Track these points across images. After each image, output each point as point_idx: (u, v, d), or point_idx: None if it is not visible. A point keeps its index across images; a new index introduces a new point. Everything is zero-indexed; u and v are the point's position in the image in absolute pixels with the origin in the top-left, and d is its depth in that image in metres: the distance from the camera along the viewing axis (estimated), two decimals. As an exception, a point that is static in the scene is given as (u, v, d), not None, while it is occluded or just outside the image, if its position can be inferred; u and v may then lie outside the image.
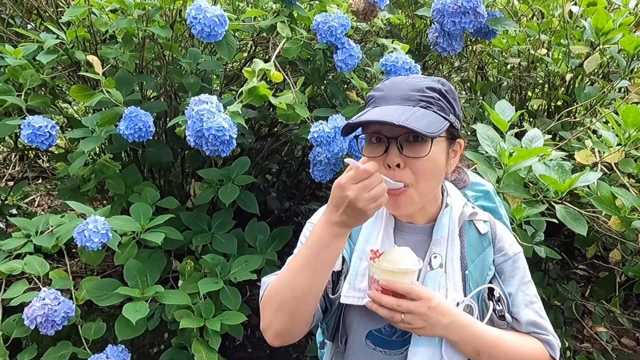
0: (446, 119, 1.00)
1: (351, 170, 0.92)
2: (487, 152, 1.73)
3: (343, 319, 1.15)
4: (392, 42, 2.01)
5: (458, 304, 1.05)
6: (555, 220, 1.66)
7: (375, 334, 1.12)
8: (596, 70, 2.48)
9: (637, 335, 2.70)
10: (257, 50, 2.37)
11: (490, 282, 1.11)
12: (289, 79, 1.89)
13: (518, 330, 1.10)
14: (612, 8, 2.53)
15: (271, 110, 2.37)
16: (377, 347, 1.12)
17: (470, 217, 1.14)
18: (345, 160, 0.99)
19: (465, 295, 1.07)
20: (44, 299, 1.56)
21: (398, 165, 0.99)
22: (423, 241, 1.11)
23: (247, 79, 1.75)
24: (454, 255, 1.09)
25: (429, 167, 1.01)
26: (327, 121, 1.79)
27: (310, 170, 1.98)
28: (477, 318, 1.06)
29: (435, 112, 1.00)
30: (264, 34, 2.10)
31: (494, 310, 1.08)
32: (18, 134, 1.80)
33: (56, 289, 1.63)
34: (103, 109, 1.88)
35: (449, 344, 1.05)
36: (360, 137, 1.06)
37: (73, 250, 2.30)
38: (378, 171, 0.94)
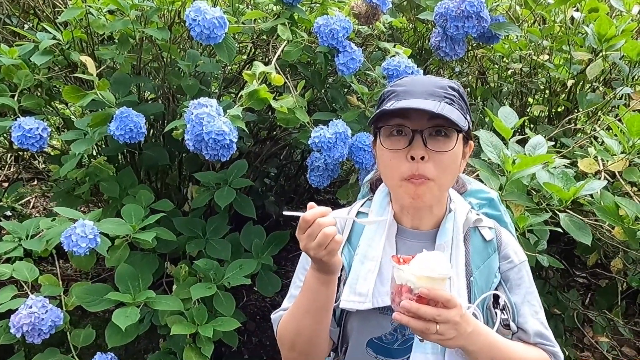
0: (465, 118, 1.03)
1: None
2: (489, 159, 1.70)
3: (343, 327, 1.13)
4: (394, 46, 1.99)
5: None
6: (559, 229, 1.64)
7: (377, 342, 1.10)
8: (598, 77, 2.46)
9: (638, 345, 2.68)
10: (256, 52, 2.34)
11: (496, 289, 1.09)
12: (289, 82, 1.87)
13: (524, 340, 1.08)
14: (614, 14, 2.51)
15: (270, 113, 2.35)
16: (379, 355, 1.10)
17: (475, 224, 1.13)
18: (284, 212, 1.00)
19: (470, 302, 1.06)
20: (31, 307, 1.52)
21: (422, 158, 0.99)
22: (426, 247, 1.08)
23: (246, 82, 1.72)
24: (458, 261, 1.08)
25: (452, 162, 1.03)
26: (327, 126, 1.76)
27: (308, 176, 1.95)
28: None
29: (457, 110, 1.01)
30: (264, 37, 2.07)
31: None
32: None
33: (45, 296, 1.60)
34: (99, 110, 1.85)
35: (452, 351, 1.03)
36: (381, 128, 1.06)
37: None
38: (397, 169, 0.99)
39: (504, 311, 1.07)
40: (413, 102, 0.99)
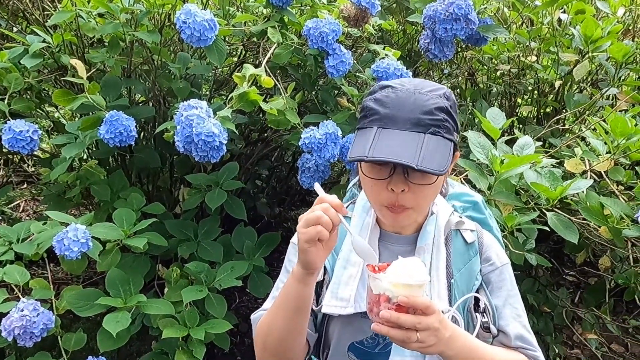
0: (451, 140, 0.99)
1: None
2: (478, 159, 1.72)
3: (325, 331, 1.13)
4: (384, 48, 2.01)
5: (443, 313, 1.03)
6: (546, 228, 1.66)
7: (358, 346, 1.10)
8: (585, 78, 2.49)
9: (626, 341, 2.71)
10: (247, 55, 2.35)
11: (477, 291, 1.09)
12: (280, 84, 1.87)
13: (505, 344, 1.08)
14: (600, 16, 2.55)
15: (261, 115, 2.35)
16: (360, 359, 1.10)
17: (457, 226, 1.13)
18: (314, 185, 0.99)
19: (450, 305, 1.06)
20: (22, 310, 1.51)
21: (402, 190, 0.98)
22: (408, 251, 1.10)
23: (237, 84, 1.73)
24: (439, 263, 1.08)
25: (432, 192, 1.02)
26: (317, 127, 1.77)
27: (299, 177, 1.96)
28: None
29: (443, 137, 0.97)
30: (255, 39, 2.08)
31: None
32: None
33: (36, 299, 1.59)
34: (90, 114, 1.85)
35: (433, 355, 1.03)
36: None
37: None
38: (378, 196, 0.98)
39: (484, 314, 1.07)
40: (392, 140, 0.95)
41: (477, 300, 1.08)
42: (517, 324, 1.08)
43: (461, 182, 1.74)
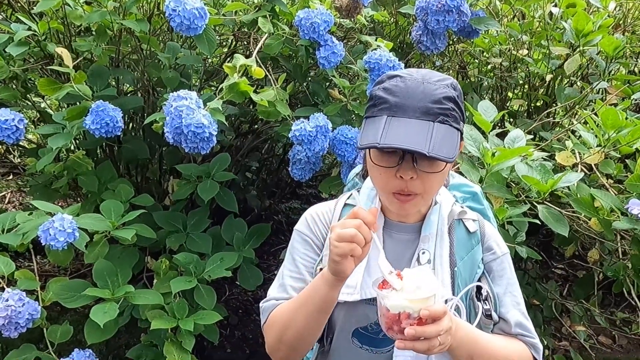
0: (458, 129, 1.01)
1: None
2: (470, 152, 1.72)
3: (329, 317, 1.13)
4: (376, 40, 1.99)
5: (447, 301, 1.04)
6: (537, 221, 1.66)
7: (362, 332, 1.11)
8: (575, 72, 2.50)
9: (613, 333, 2.75)
10: (237, 45, 2.32)
11: (479, 280, 1.11)
12: (270, 75, 1.86)
13: (506, 331, 1.11)
14: (591, 10, 2.55)
15: (252, 106, 2.33)
16: (364, 345, 1.12)
17: (460, 216, 1.15)
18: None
19: (453, 292, 1.08)
20: (7, 300, 1.49)
21: (411, 177, 0.99)
22: (412, 240, 1.12)
23: (227, 75, 1.71)
24: (442, 252, 1.10)
25: (440, 180, 1.04)
26: (308, 119, 1.76)
27: (290, 169, 1.95)
28: (466, 318, 1.06)
29: (451, 125, 0.99)
30: (245, 29, 2.06)
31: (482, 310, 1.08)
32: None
33: (22, 290, 1.57)
34: (77, 103, 1.82)
35: None
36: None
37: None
38: (386, 184, 1.00)
39: (486, 302, 1.09)
40: (403, 127, 0.97)
41: (478, 288, 1.10)
42: (517, 312, 1.11)
43: (453, 174, 1.73)
